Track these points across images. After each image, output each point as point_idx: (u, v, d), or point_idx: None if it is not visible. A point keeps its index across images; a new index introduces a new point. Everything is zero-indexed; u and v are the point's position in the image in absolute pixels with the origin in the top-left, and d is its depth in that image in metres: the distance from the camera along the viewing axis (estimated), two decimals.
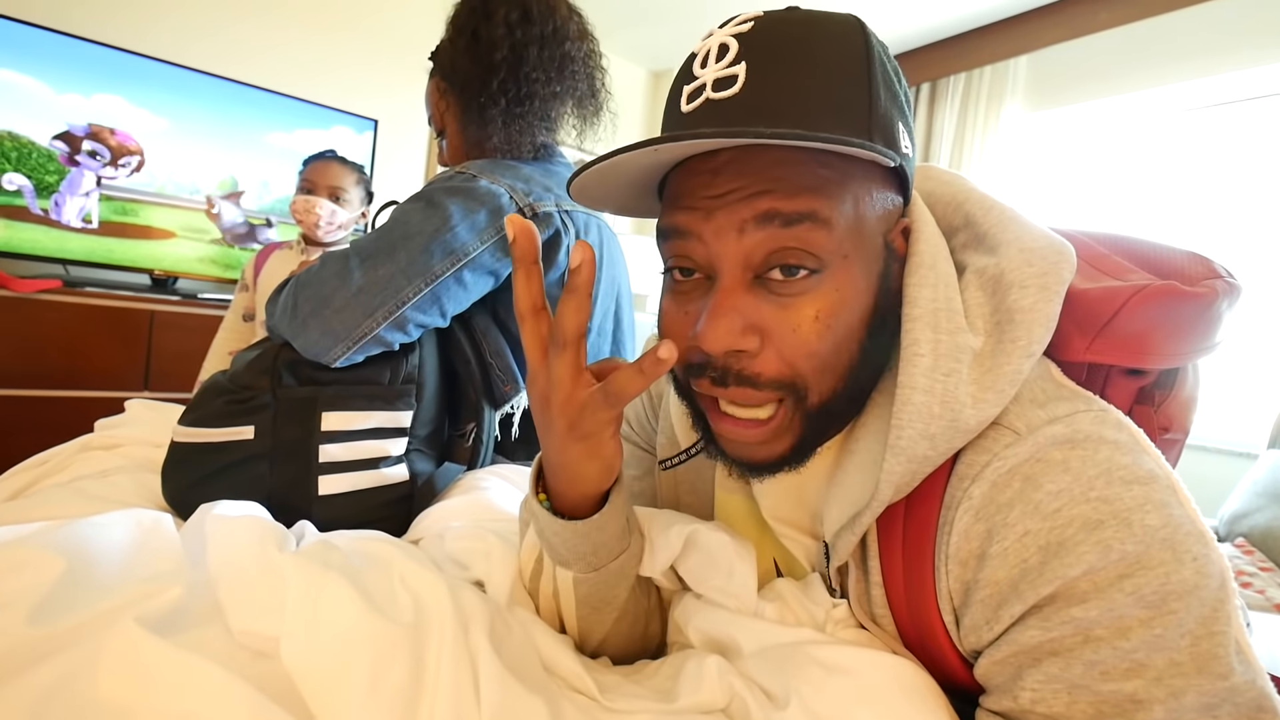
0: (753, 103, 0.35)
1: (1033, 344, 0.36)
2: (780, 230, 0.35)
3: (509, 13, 0.82)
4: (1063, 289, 0.37)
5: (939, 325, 0.36)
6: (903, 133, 0.38)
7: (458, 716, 0.35)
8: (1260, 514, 1.61)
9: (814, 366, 0.37)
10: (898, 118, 0.38)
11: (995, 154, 2.68)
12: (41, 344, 1.67)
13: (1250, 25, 2.12)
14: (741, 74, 0.35)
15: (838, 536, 0.41)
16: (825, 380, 0.37)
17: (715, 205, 0.36)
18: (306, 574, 0.43)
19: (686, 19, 2.86)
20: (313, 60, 2.39)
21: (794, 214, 0.34)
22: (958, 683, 0.39)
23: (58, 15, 1.85)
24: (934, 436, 0.35)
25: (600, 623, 0.48)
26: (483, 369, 0.82)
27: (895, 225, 0.40)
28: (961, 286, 0.39)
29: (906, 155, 0.38)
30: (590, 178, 0.38)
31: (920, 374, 0.35)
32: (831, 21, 0.37)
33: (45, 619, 0.38)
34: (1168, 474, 0.34)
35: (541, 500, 0.45)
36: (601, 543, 0.44)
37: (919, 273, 0.38)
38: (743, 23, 0.37)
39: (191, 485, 0.66)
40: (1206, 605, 0.30)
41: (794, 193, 0.34)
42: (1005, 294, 0.37)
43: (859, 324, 0.37)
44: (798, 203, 0.34)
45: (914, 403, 0.35)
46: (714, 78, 0.36)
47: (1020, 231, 0.39)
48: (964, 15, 2.62)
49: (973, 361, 0.36)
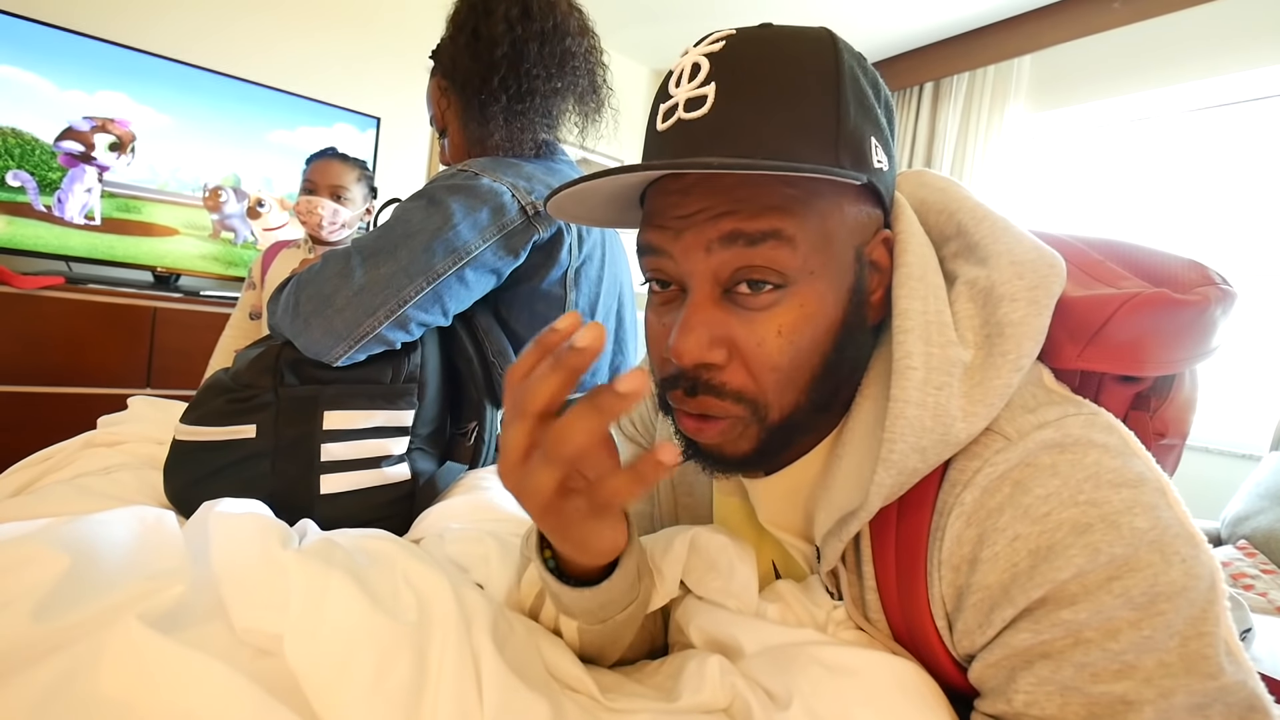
0: (719, 124, 0.36)
1: (1022, 358, 0.36)
2: (745, 249, 0.35)
3: (509, 9, 0.82)
4: (1053, 302, 0.37)
5: (930, 338, 0.36)
6: (875, 147, 0.38)
7: (460, 715, 0.35)
8: (1262, 516, 1.61)
9: (775, 380, 0.37)
10: (870, 132, 0.38)
11: (998, 154, 2.67)
12: (44, 341, 1.67)
13: (1255, 25, 2.11)
14: (710, 95, 0.36)
15: (824, 542, 0.41)
16: (786, 395, 0.38)
17: (684, 225, 0.37)
18: (310, 572, 0.43)
19: (688, 17, 2.86)
20: (315, 57, 2.39)
21: (757, 233, 0.35)
22: (951, 685, 0.39)
23: (61, 12, 1.86)
24: (925, 450, 0.35)
25: (604, 657, 0.47)
26: (485, 367, 0.82)
27: (872, 237, 0.40)
28: (952, 298, 0.39)
29: (879, 170, 0.38)
30: (565, 200, 0.39)
31: (913, 387, 0.35)
32: (802, 39, 0.37)
33: (48, 615, 0.38)
34: (1157, 476, 0.34)
35: (546, 558, 0.43)
36: (610, 600, 0.42)
37: (908, 284, 0.38)
38: (715, 41, 0.37)
39: (193, 483, 0.66)
40: (1195, 606, 0.31)
41: (757, 213, 0.35)
42: (996, 306, 0.37)
43: (824, 337, 0.38)
44: (761, 222, 0.35)
45: (907, 416, 0.35)
46: (685, 98, 0.37)
47: (1012, 243, 0.39)
48: (967, 14, 2.61)
49: (963, 375, 0.36)
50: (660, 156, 0.38)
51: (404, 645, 0.38)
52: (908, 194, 0.44)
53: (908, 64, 2.97)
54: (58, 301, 1.68)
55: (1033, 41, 2.55)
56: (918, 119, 2.97)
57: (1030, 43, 2.56)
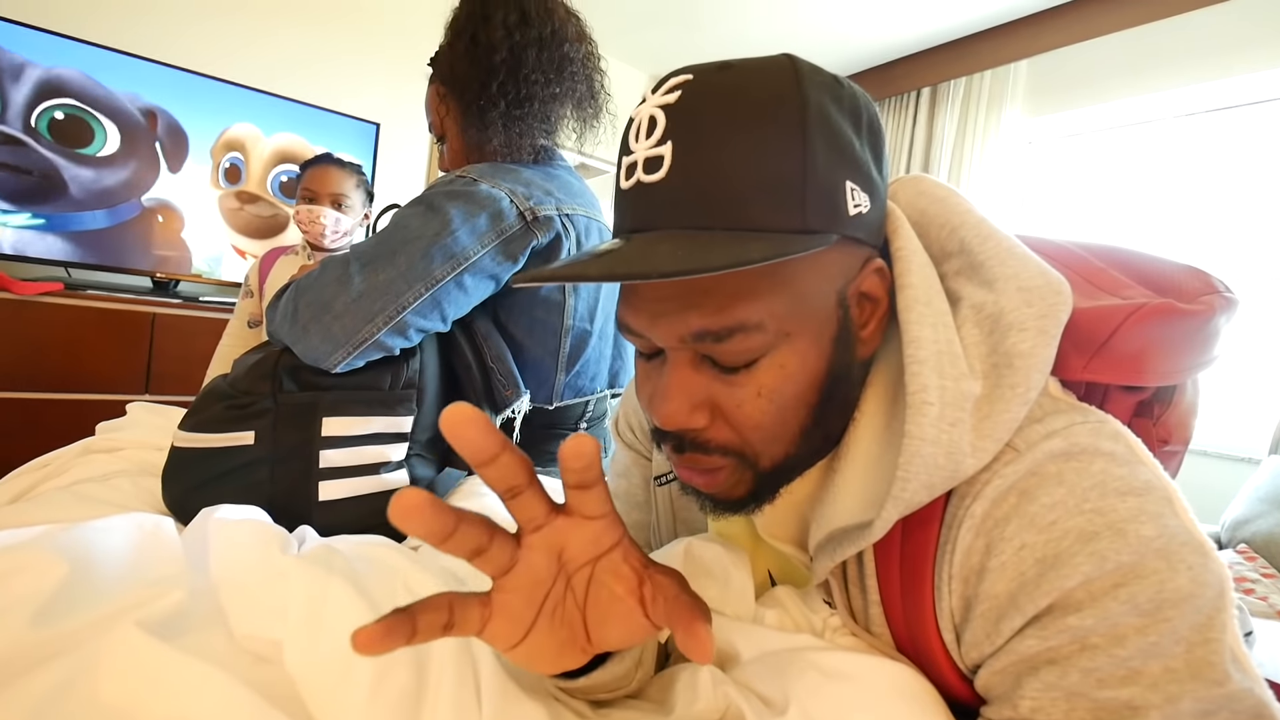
0: (676, 191, 0.34)
1: (1030, 390, 0.35)
2: (714, 344, 0.35)
3: (507, 15, 0.83)
4: (1059, 331, 0.36)
5: (944, 370, 0.35)
6: (852, 191, 0.36)
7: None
8: (1262, 520, 1.61)
9: (761, 437, 0.37)
10: (845, 176, 0.35)
11: (995, 159, 2.68)
12: (43, 347, 1.67)
13: (1251, 30, 2.12)
14: (667, 156, 0.34)
15: (816, 557, 0.42)
16: (774, 447, 0.38)
17: (656, 313, 0.36)
18: (309, 578, 0.43)
19: (686, 24, 2.87)
20: (314, 63, 2.39)
21: (723, 330, 0.34)
22: (954, 697, 0.39)
23: (49, 14, 1.85)
24: (933, 486, 0.35)
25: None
26: (484, 373, 0.82)
27: (858, 274, 0.38)
28: (957, 323, 0.38)
29: (857, 216, 0.36)
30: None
31: (929, 424, 0.34)
32: (763, 80, 0.35)
33: (46, 622, 0.38)
34: (1164, 484, 0.34)
35: None
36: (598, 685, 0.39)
37: (915, 309, 0.37)
38: (670, 90, 0.35)
39: (192, 490, 0.66)
40: (1202, 613, 0.30)
41: (722, 306, 0.34)
42: (1004, 336, 0.36)
43: (808, 391, 0.37)
44: (725, 317, 0.34)
45: (923, 455, 0.34)
46: (644, 157, 0.35)
47: (1019, 267, 0.38)
48: (964, 20, 2.63)
49: (973, 409, 0.35)
50: (624, 219, 0.38)
51: (403, 652, 0.38)
52: (906, 204, 0.43)
53: (904, 70, 2.99)
54: (56, 307, 1.68)
55: (1029, 46, 2.56)
56: (914, 124, 2.98)
57: (1026, 48, 2.57)
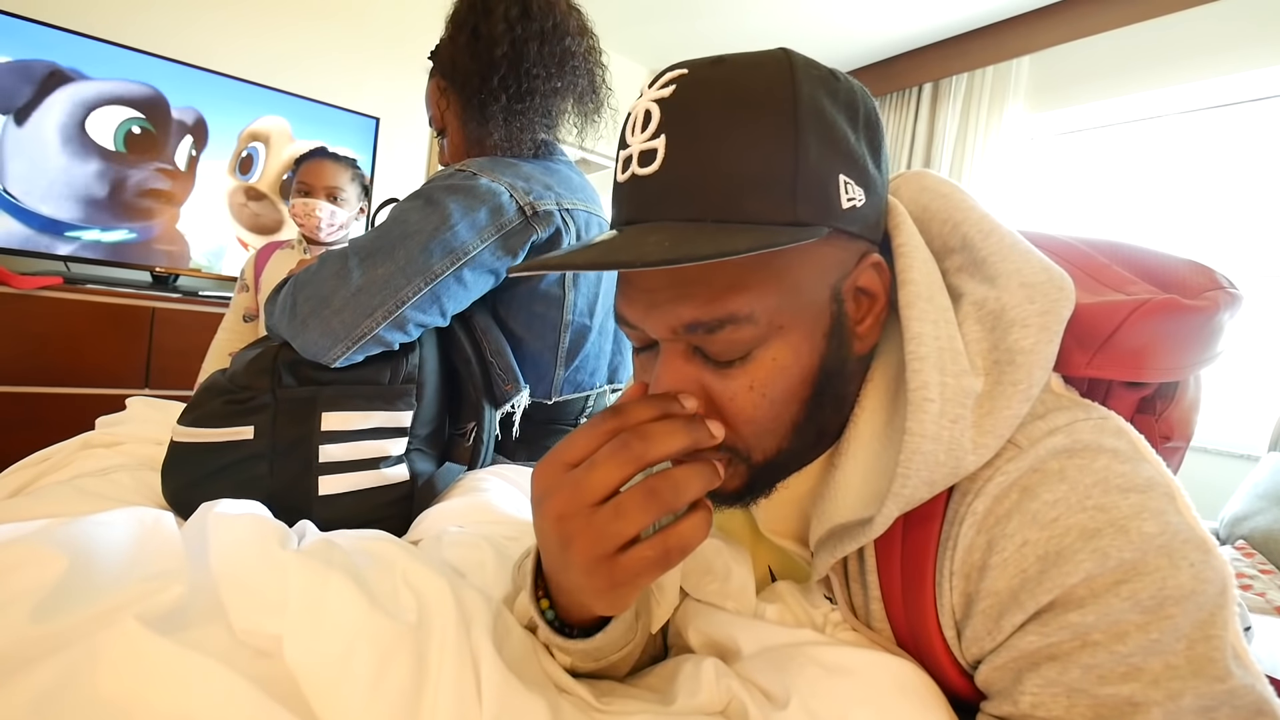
0: (669, 183, 0.35)
1: (1032, 387, 0.35)
2: (706, 335, 0.36)
3: (508, 9, 0.82)
4: (1062, 327, 0.36)
5: (945, 367, 0.35)
6: (845, 184, 0.36)
7: (460, 716, 0.35)
8: (1261, 516, 1.61)
9: (753, 431, 0.38)
10: (838, 169, 0.35)
11: (997, 155, 2.67)
12: (42, 341, 1.67)
13: (1255, 26, 2.12)
14: (661, 149, 0.35)
15: (817, 553, 0.42)
16: (767, 440, 0.38)
17: (650, 303, 0.37)
18: (309, 572, 0.43)
19: (687, 16, 2.86)
20: (313, 57, 2.38)
21: (714, 322, 0.35)
22: (955, 693, 0.39)
23: (41, 5, 1.84)
24: (934, 483, 0.35)
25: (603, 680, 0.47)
26: (483, 368, 0.82)
27: (854, 269, 0.38)
28: (959, 319, 0.38)
29: (851, 208, 0.36)
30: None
31: (930, 420, 0.34)
32: (754, 74, 0.35)
33: (46, 617, 0.38)
34: (1167, 481, 0.34)
35: (544, 607, 0.42)
36: (605, 644, 0.42)
37: (917, 305, 0.37)
38: (666, 85, 0.36)
39: (191, 485, 0.66)
40: (1203, 610, 0.30)
41: (713, 297, 0.34)
42: (1006, 332, 0.36)
43: (800, 386, 0.37)
44: (716, 308, 0.34)
45: (923, 451, 0.34)
46: (639, 150, 0.36)
47: (1021, 263, 0.38)
48: (966, 15, 2.62)
49: (974, 405, 0.35)
50: (620, 211, 0.38)
51: (403, 645, 0.38)
52: (908, 199, 0.43)
53: (906, 65, 2.98)
54: (56, 302, 1.68)
55: (1031, 42, 2.55)
56: (916, 120, 2.97)
57: (1029, 43, 2.56)
